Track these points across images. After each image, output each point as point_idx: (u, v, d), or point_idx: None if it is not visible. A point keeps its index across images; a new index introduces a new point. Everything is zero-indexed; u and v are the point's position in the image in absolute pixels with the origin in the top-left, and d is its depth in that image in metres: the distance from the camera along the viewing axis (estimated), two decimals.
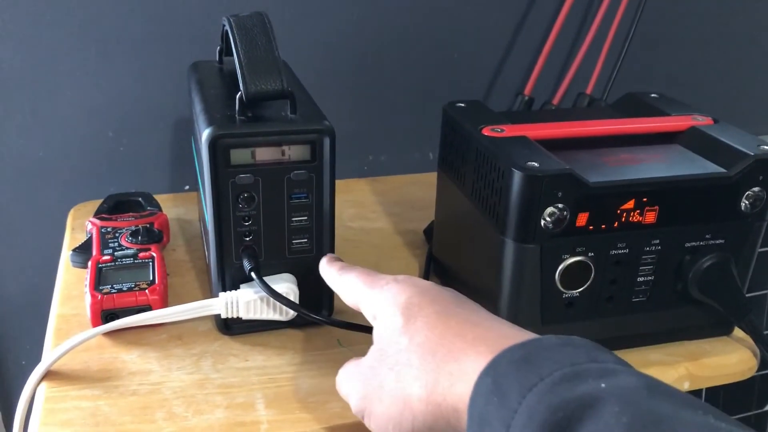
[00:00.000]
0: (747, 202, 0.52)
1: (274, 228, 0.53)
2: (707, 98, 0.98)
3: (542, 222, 0.49)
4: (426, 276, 0.65)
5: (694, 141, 0.56)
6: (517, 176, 0.48)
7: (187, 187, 0.87)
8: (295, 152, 0.52)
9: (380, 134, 0.90)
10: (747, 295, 0.54)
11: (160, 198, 0.75)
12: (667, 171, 0.51)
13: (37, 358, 0.52)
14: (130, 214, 0.69)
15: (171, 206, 0.77)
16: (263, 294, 0.53)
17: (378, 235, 0.74)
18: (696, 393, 0.88)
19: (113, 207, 0.71)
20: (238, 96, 0.51)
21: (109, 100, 0.79)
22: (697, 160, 0.54)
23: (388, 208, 0.80)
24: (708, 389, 0.92)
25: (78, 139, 0.80)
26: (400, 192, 0.84)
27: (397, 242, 0.73)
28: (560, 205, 0.49)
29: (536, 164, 0.48)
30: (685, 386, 0.55)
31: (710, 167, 0.53)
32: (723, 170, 0.52)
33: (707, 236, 0.53)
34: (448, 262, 0.63)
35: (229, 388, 0.51)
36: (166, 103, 0.81)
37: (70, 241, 0.70)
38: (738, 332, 0.59)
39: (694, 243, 0.53)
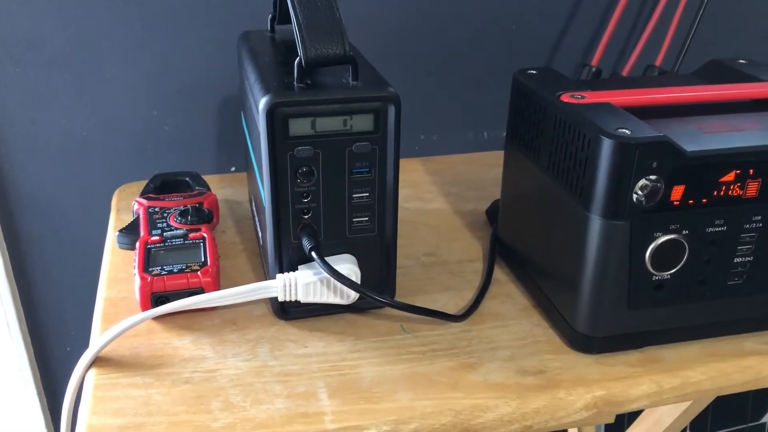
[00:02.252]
0: None
1: (334, 205, 0.50)
2: None
3: (634, 196, 0.44)
4: (491, 258, 0.61)
5: None
6: (606, 144, 0.44)
7: (233, 169, 0.83)
8: (357, 122, 0.47)
9: (432, 112, 0.86)
10: None
11: (206, 179, 0.72)
12: None
13: (82, 344, 0.49)
14: (179, 193, 0.65)
15: (218, 187, 0.74)
16: (324, 275, 0.49)
17: (436, 216, 0.69)
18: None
19: (160, 187, 0.67)
20: (296, 61, 0.47)
21: (153, 78, 0.76)
22: None
23: (444, 189, 0.75)
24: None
25: (122, 118, 0.78)
26: (455, 172, 0.79)
27: (456, 223, 0.68)
28: (654, 177, 0.44)
29: (627, 131, 0.44)
30: None
31: None
32: None
33: None
34: (516, 244, 0.59)
35: (288, 376, 0.47)
36: (211, 79, 0.78)
37: (115, 222, 0.67)
38: None
39: None
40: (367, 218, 0.51)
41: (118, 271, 0.59)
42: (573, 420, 0.47)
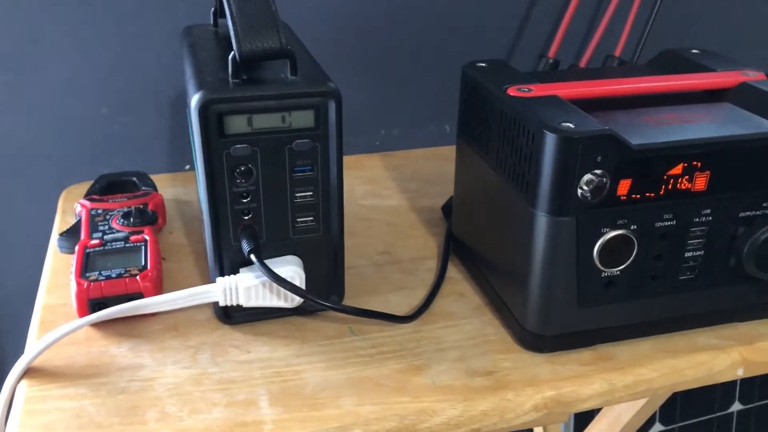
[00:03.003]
0: None
1: (275, 205, 0.48)
2: (748, 60, 0.91)
3: (579, 191, 0.43)
4: (445, 256, 0.59)
5: (747, 98, 0.50)
6: (549, 139, 0.42)
7: (187, 167, 0.81)
8: (296, 119, 0.46)
9: (392, 106, 0.84)
10: None
11: (158, 178, 0.70)
12: (720, 131, 0.45)
13: None
14: (123, 194, 0.63)
15: (169, 186, 0.72)
16: (265, 279, 0.48)
17: (392, 213, 0.68)
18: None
19: (106, 187, 0.65)
20: (230, 56, 0.45)
21: (102, 75, 0.74)
22: (751, 119, 0.48)
23: (403, 185, 0.74)
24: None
25: (70, 117, 0.75)
26: (415, 167, 0.78)
27: (413, 220, 0.67)
28: (599, 172, 0.43)
29: (571, 125, 0.42)
30: (739, 373, 0.49)
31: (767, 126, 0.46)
32: None
33: (764, 205, 0.47)
34: (469, 241, 0.57)
35: (229, 384, 0.46)
36: (163, 74, 0.75)
37: (60, 225, 0.65)
38: None
39: (749, 212, 0.47)
40: (311, 218, 0.49)
41: (60, 276, 0.57)
42: (523, 421, 0.46)
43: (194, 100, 0.44)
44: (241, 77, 0.45)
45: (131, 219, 0.57)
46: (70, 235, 0.58)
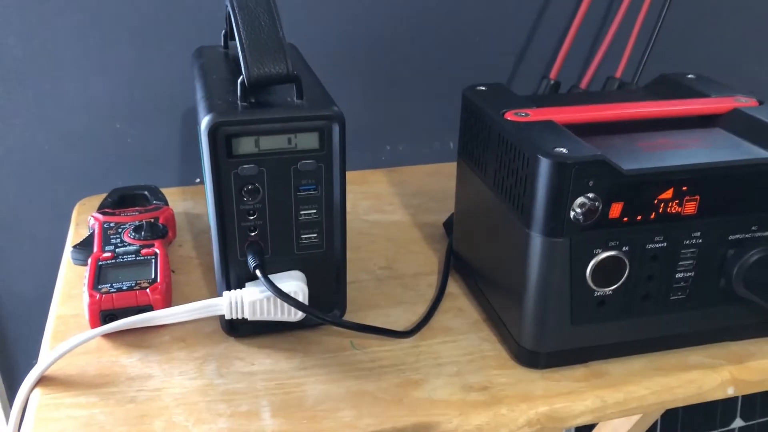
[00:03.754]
0: None
1: (280, 222, 0.50)
2: (746, 82, 0.93)
3: (572, 214, 0.45)
4: (446, 271, 0.61)
5: (738, 124, 0.52)
6: (543, 164, 0.44)
7: (198, 180, 0.83)
8: (302, 140, 0.48)
9: (397, 123, 0.86)
10: None
11: (168, 192, 0.72)
12: (709, 157, 0.47)
13: None
14: (135, 208, 0.65)
15: (179, 200, 0.74)
16: (269, 293, 0.49)
17: (395, 229, 0.70)
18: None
19: (118, 201, 0.67)
20: (239, 80, 0.47)
21: (116, 91, 0.76)
22: (741, 145, 0.49)
23: (406, 200, 0.76)
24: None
25: (84, 131, 0.77)
26: (419, 183, 0.80)
27: (415, 236, 0.69)
28: (591, 195, 0.44)
29: (564, 150, 0.44)
30: (729, 392, 0.51)
31: (756, 152, 0.48)
32: None
33: (753, 228, 0.48)
34: (469, 257, 0.59)
35: (233, 395, 0.47)
36: (175, 91, 0.78)
37: (73, 237, 0.67)
38: None
39: (738, 235, 0.48)
40: (315, 235, 0.51)
41: (72, 288, 0.59)
42: None
43: (204, 122, 0.46)
44: (249, 100, 0.47)
45: (142, 233, 0.59)
46: (84, 247, 0.60)
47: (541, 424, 0.47)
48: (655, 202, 0.46)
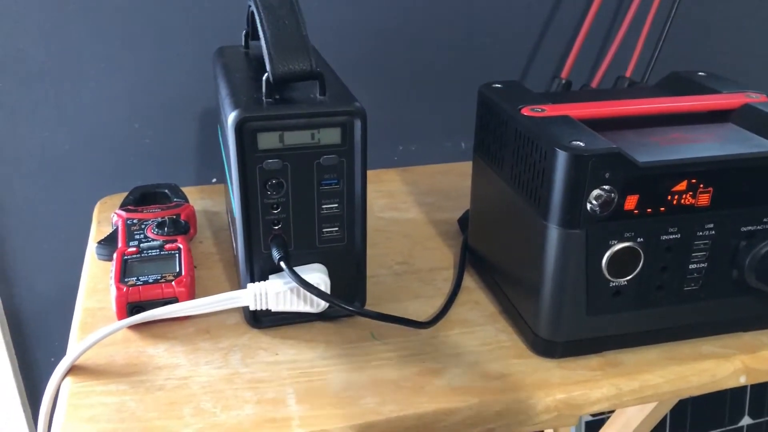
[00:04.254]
0: None
1: (303, 216, 0.51)
2: (755, 80, 0.94)
3: (588, 205, 0.46)
4: (461, 266, 0.62)
5: (749, 119, 0.53)
6: (561, 156, 0.45)
7: (214, 180, 0.85)
8: (325, 136, 0.49)
9: (410, 123, 0.88)
10: None
11: (187, 190, 0.73)
12: (722, 150, 0.48)
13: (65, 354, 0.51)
14: (157, 205, 0.67)
15: (198, 198, 0.76)
16: (293, 285, 0.51)
17: (410, 226, 0.71)
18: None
19: (139, 199, 0.69)
20: (264, 77, 0.48)
21: (135, 91, 0.78)
22: (753, 139, 0.51)
23: (420, 198, 0.77)
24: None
25: (103, 131, 0.79)
26: (432, 182, 0.81)
27: (429, 232, 0.70)
28: (607, 187, 0.46)
29: (581, 143, 0.45)
30: (742, 380, 0.52)
31: None
32: None
33: (765, 220, 0.49)
34: (484, 252, 0.60)
35: (258, 383, 0.49)
36: (192, 92, 0.79)
37: (96, 234, 0.68)
38: None
39: (750, 227, 0.49)
40: (336, 228, 0.52)
41: (97, 282, 0.60)
42: (534, 423, 0.48)
43: (231, 118, 0.47)
44: (273, 97, 0.49)
45: (165, 228, 0.61)
46: (108, 243, 0.61)
47: (558, 410, 0.48)
48: (669, 194, 0.47)
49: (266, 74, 0.48)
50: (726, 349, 0.53)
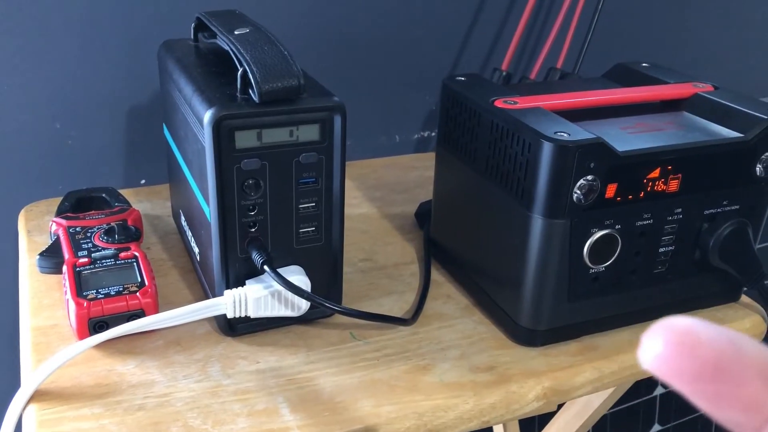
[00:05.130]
0: (761, 166, 0.52)
1: (280, 217, 0.49)
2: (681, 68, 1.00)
3: (574, 195, 0.47)
4: (427, 260, 0.62)
5: (701, 107, 0.56)
6: (546, 148, 0.46)
7: (143, 182, 0.80)
8: (303, 133, 0.47)
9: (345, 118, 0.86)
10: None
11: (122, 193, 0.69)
12: (687, 138, 0.50)
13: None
14: (98, 211, 0.62)
15: (134, 202, 0.71)
16: (274, 288, 0.49)
17: (364, 221, 0.70)
18: None
19: (75, 205, 0.64)
20: (240, 73, 0.46)
21: (54, 88, 0.72)
22: (709, 126, 0.53)
23: (369, 193, 0.76)
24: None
25: (20, 133, 0.72)
26: (376, 176, 0.80)
27: (386, 227, 0.69)
28: (591, 177, 0.47)
29: (566, 134, 0.46)
30: None
31: (726, 133, 0.52)
32: (740, 135, 0.51)
33: (724, 203, 0.52)
34: (450, 244, 0.60)
35: (245, 394, 0.46)
36: (118, 89, 0.74)
37: (28, 245, 0.63)
38: (744, 298, 0.59)
39: (712, 210, 0.52)
40: (314, 228, 0.51)
41: (42, 297, 0.55)
42: (525, 411, 0.49)
43: (207, 115, 0.44)
44: (248, 92, 0.46)
45: (115, 236, 0.57)
46: (51, 254, 0.56)
47: (547, 398, 0.49)
48: (645, 181, 0.49)
49: (241, 70, 0.46)
50: None
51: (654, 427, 1.28)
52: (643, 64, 0.64)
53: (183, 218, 0.60)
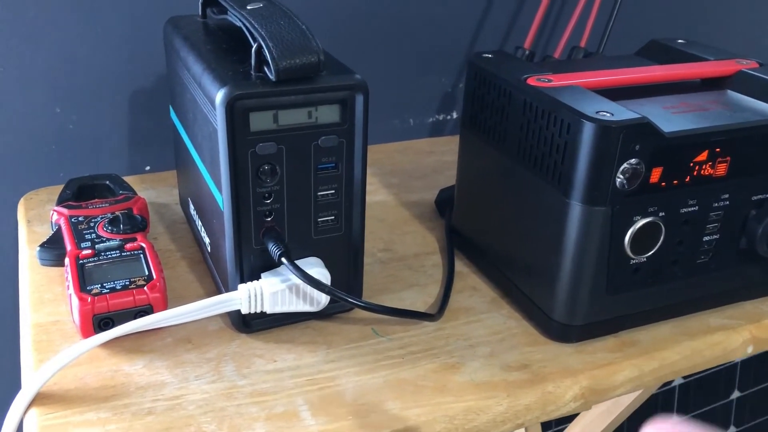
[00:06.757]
0: None
1: (298, 205, 0.46)
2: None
3: (617, 180, 0.43)
4: (450, 251, 0.58)
5: (747, 85, 0.52)
6: (588, 128, 0.42)
7: (148, 168, 0.76)
8: (323, 114, 0.44)
9: None
10: None
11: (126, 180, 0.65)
12: (736, 118, 0.47)
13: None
14: (101, 200, 0.59)
15: (139, 189, 0.68)
16: (291, 282, 0.45)
17: (382, 209, 0.67)
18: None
19: (77, 193, 0.60)
20: (254, 49, 0.42)
21: (53, 70, 0.68)
22: (757, 105, 0.50)
23: (385, 179, 0.72)
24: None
25: (19, 117, 0.69)
26: (392, 161, 0.77)
27: (404, 215, 0.66)
28: (635, 161, 0.43)
29: (608, 114, 0.43)
30: (749, 351, 0.51)
31: None
32: None
33: None
34: (475, 234, 0.57)
35: (262, 396, 0.43)
36: (121, 70, 0.70)
37: (28, 235, 0.59)
38: None
39: (761, 195, 0.49)
40: (333, 217, 0.47)
41: (43, 292, 0.52)
42: (561, 413, 0.46)
43: (220, 95, 0.41)
44: (262, 71, 0.43)
45: (120, 226, 0.53)
46: (53, 245, 0.53)
47: (585, 398, 0.46)
48: (691, 164, 0.45)
49: (256, 45, 0.42)
50: (732, 320, 0.52)
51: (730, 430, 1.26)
52: (679, 41, 0.60)
53: (192, 207, 0.57)
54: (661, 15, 0.94)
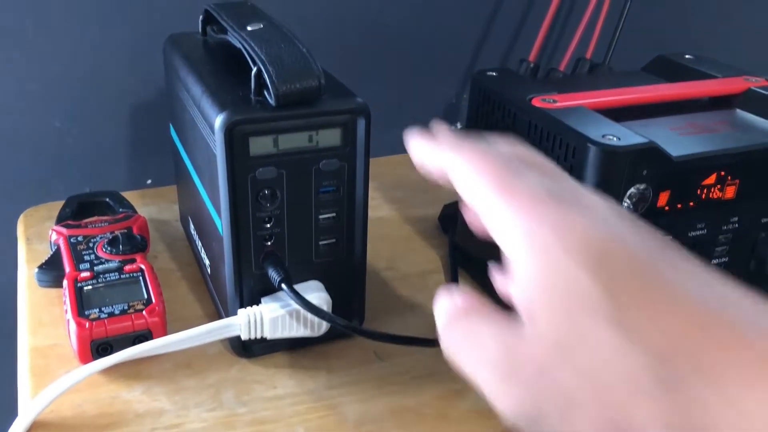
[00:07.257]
0: None
1: (299, 229, 0.45)
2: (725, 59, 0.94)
3: (624, 204, 0.42)
4: (453, 269, 0.58)
5: (755, 104, 0.51)
6: (593, 153, 0.41)
7: (149, 182, 0.76)
8: (324, 138, 0.43)
9: None
10: None
11: (126, 196, 0.64)
12: (747, 140, 0.46)
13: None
14: (101, 218, 0.58)
15: (140, 205, 0.67)
16: (292, 308, 0.45)
17: (384, 226, 0.66)
18: None
19: (77, 211, 0.60)
20: (253, 73, 0.41)
21: (54, 84, 0.68)
22: (766, 125, 0.49)
23: (389, 194, 0.72)
24: None
25: (18, 131, 0.68)
26: (396, 174, 0.76)
27: (408, 232, 0.65)
28: (642, 186, 0.42)
29: (615, 138, 0.42)
30: None
31: None
32: None
33: None
34: (480, 253, 0.56)
35: (262, 425, 0.42)
36: (121, 84, 0.70)
37: (27, 254, 0.59)
38: None
39: None
40: (334, 240, 0.46)
41: (42, 314, 0.51)
42: None
43: (219, 120, 0.40)
44: (262, 95, 0.42)
45: (120, 246, 0.53)
46: (51, 266, 0.52)
47: None
48: (699, 188, 0.44)
49: (255, 69, 0.41)
50: None
51: None
52: (687, 56, 0.59)
53: (192, 226, 0.56)
54: (668, 26, 0.93)
